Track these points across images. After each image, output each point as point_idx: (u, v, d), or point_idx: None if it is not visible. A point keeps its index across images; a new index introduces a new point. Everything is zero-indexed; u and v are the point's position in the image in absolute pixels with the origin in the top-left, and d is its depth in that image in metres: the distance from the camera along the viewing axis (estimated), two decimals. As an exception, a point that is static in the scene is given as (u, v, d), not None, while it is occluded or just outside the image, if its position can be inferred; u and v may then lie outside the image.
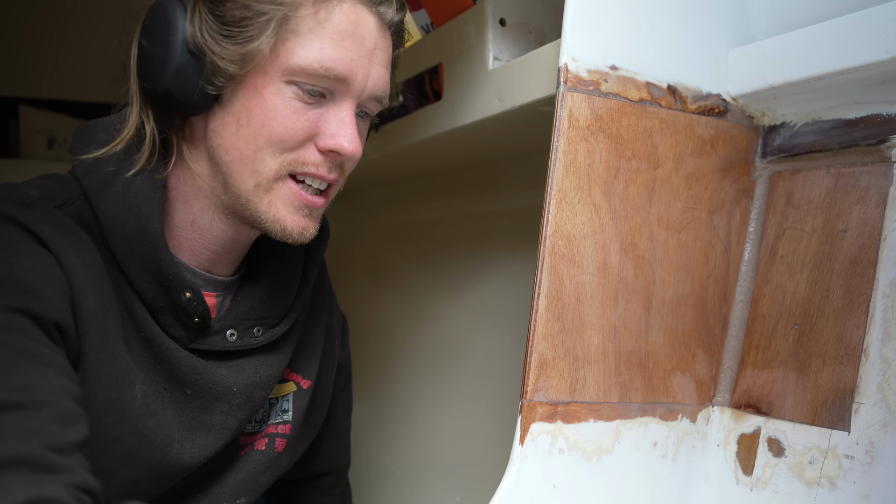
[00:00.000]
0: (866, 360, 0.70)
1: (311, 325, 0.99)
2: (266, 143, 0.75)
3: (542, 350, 0.74)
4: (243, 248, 0.87)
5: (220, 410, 0.85)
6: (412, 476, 1.40)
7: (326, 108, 0.77)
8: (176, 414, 0.82)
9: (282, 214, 0.78)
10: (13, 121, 2.48)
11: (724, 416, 0.83)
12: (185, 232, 0.83)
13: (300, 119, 0.75)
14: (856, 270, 0.73)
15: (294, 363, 0.96)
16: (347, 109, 0.77)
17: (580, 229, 0.76)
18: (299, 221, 0.79)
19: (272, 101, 0.75)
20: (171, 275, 0.78)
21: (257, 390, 0.88)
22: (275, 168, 0.76)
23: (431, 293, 1.50)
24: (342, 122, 0.76)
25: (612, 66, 0.77)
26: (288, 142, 0.75)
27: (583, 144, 0.75)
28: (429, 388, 1.44)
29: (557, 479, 0.76)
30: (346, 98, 0.77)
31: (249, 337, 0.87)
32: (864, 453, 0.69)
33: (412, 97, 1.34)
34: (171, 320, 0.80)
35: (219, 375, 0.84)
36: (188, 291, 0.79)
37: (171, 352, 0.80)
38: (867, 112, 0.74)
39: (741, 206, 0.84)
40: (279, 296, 0.90)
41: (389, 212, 1.76)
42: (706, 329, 0.83)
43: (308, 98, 0.75)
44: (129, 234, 0.77)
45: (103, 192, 0.77)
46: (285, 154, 0.76)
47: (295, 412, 0.96)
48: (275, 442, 0.94)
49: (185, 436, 0.83)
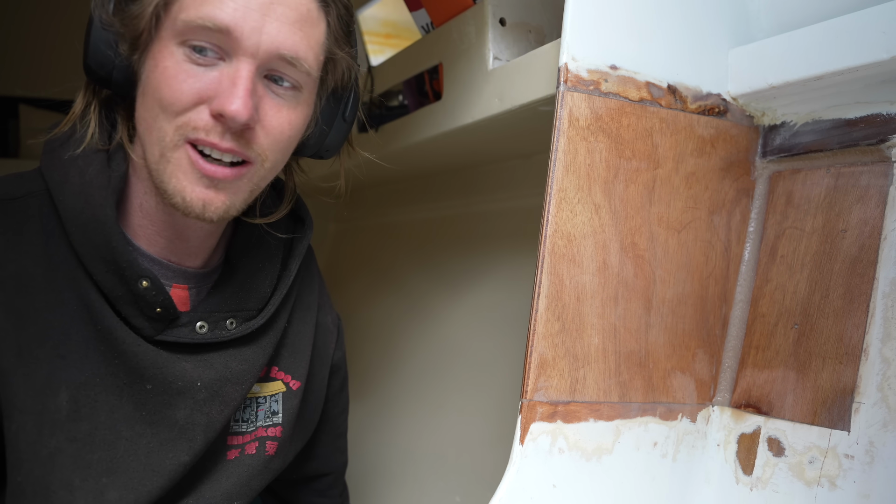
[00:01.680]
0: (866, 360, 0.70)
1: (299, 324, 0.97)
2: (160, 109, 0.73)
3: (542, 350, 0.74)
4: (203, 238, 0.85)
5: (183, 406, 0.83)
6: (412, 476, 1.40)
7: (221, 70, 0.73)
8: (135, 409, 0.80)
9: (182, 185, 0.74)
10: (13, 121, 2.48)
11: (724, 416, 0.83)
12: (138, 218, 0.82)
13: (188, 80, 0.72)
14: (856, 270, 0.73)
15: (282, 362, 0.94)
16: (241, 70, 0.72)
17: (580, 229, 0.76)
18: (200, 193, 0.74)
19: (163, 64, 0.72)
20: (125, 262, 0.76)
21: (228, 385, 0.85)
22: (171, 134, 0.73)
23: (431, 293, 1.50)
24: (231, 83, 0.72)
25: (613, 66, 0.77)
26: (176, 104, 0.72)
27: (583, 144, 0.75)
28: (429, 388, 1.44)
29: (557, 478, 0.76)
30: (240, 57, 0.72)
31: (221, 329, 0.84)
32: (864, 453, 0.69)
33: (412, 97, 1.34)
34: (132, 311, 0.78)
35: (181, 369, 0.82)
36: (145, 280, 0.77)
37: (129, 345, 0.78)
38: (867, 112, 0.74)
39: (741, 206, 0.84)
40: (254, 287, 0.87)
41: (389, 212, 1.76)
42: (706, 329, 0.83)
43: (199, 59, 0.72)
44: (84, 223, 0.76)
45: (64, 184, 0.77)
46: (178, 118, 0.72)
47: (285, 414, 0.94)
48: (265, 445, 0.93)
49: (144, 431, 0.81)
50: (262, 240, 0.89)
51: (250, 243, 0.89)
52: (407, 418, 1.48)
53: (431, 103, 1.13)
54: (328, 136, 0.86)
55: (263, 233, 0.89)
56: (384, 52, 2.76)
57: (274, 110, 0.76)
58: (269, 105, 0.75)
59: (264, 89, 0.75)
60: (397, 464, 1.45)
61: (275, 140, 0.76)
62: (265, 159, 0.77)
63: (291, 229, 0.94)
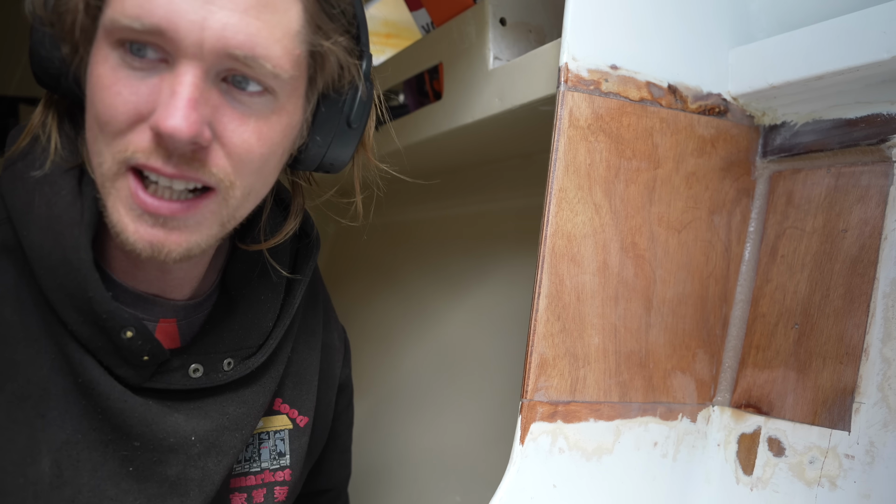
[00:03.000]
0: (867, 360, 0.70)
1: (304, 351, 0.85)
2: (98, 129, 0.59)
3: (543, 350, 0.74)
4: (186, 269, 0.72)
5: (175, 462, 0.72)
6: (412, 476, 1.40)
7: (162, 77, 0.58)
8: (121, 465, 0.70)
9: (123, 222, 0.60)
10: (13, 120, 2.48)
11: (725, 416, 0.83)
12: (112, 249, 0.69)
13: (123, 91, 0.57)
14: (856, 270, 0.73)
15: (286, 394, 0.83)
16: (182, 75, 0.57)
17: (580, 229, 0.76)
18: (144, 233, 0.60)
19: (97, 72, 0.58)
20: (106, 313, 0.64)
21: (226, 434, 0.74)
22: (108, 160, 0.59)
23: (431, 293, 1.50)
24: (171, 93, 0.56)
25: (613, 66, 0.77)
26: (112, 123, 0.58)
27: (583, 144, 0.75)
28: (429, 388, 1.44)
29: (557, 478, 0.76)
30: (182, 60, 0.57)
31: (217, 372, 0.73)
32: (865, 453, 0.69)
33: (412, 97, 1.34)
34: (115, 361, 0.67)
35: (172, 424, 0.71)
36: (129, 330, 0.65)
37: (113, 401, 0.67)
38: (868, 112, 0.74)
39: (741, 206, 0.84)
40: (255, 322, 0.75)
41: (389, 212, 1.76)
42: (706, 329, 0.83)
43: (136, 62, 0.57)
44: (53, 266, 0.63)
45: (27, 215, 0.65)
46: (115, 140, 0.59)
47: (293, 455, 0.84)
48: (274, 492, 0.83)
49: (130, 488, 0.70)
50: (264, 267, 0.76)
51: (250, 271, 0.76)
52: (407, 418, 1.48)
53: (431, 103, 1.13)
54: (329, 148, 0.70)
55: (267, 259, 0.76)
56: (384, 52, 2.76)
57: (236, 122, 0.60)
58: (228, 117, 0.60)
59: (221, 97, 0.60)
60: (397, 464, 1.45)
61: (241, 160, 0.61)
62: (232, 185, 0.62)
63: (295, 249, 0.81)
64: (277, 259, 0.77)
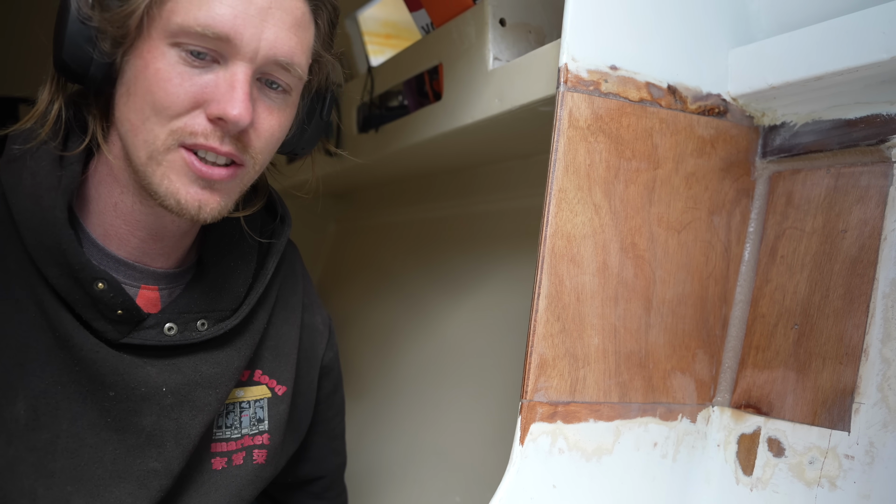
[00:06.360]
0: (866, 360, 0.70)
1: (282, 326, 0.94)
2: (152, 111, 0.71)
3: (542, 350, 0.74)
4: (179, 237, 0.83)
5: (149, 412, 0.80)
6: (412, 476, 1.40)
7: (217, 74, 0.71)
8: (100, 416, 0.78)
9: (175, 187, 0.73)
10: (13, 121, 2.48)
11: (724, 416, 0.83)
12: (110, 218, 0.79)
13: (184, 84, 0.70)
14: (856, 270, 0.73)
15: (265, 366, 0.92)
16: (238, 74, 0.71)
17: (580, 229, 0.76)
18: (195, 194, 0.74)
19: (155, 66, 0.70)
20: (78, 264, 0.74)
21: (199, 390, 0.82)
22: (163, 138, 0.72)
23: (431, 293, 1.50)
24: (230, 87, 0.71)
25: (612, 66, 0.77)
26: (172, 108, 0.71)
27: (583, 144, 0.75)
28: (429, 388, 1.44)
29: (557, 479, 0.76)
30: (237, 62, 0.71)
31: (191, 331, 0.82)
32: (864, 453, 0.69)
33: (412, 97, 1.34)
34: (92, 314, 0.76)
35: (144, 375, 0.79)
36: (100, 282, 0.75)
37: (87, 351, 0.76)
38: (867, 112, 0.74)
39: (741, 206, 0.84)
40: (227, 287, 0.85)
41: (389, 212, 1.76)
42: (706, 329, 0.83)
43: (195, 61, 0.71)
44: (35, 225, 0.74)
45: (18, 186, 0.76)
46: (172, 122, 0.71)
47: (271, 420, 0.92)
48: (252, 454, 0.91)
49: (110, 437, 0.79)
50: (236, 238, 0.87)
51: (223, 242, 0.87)
52: (407, 418, 1.48)
53: (431, 104, 1.13)
54: (307, 134, 0.87)
55: (239, 232, 0.88)
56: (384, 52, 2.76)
57: (266, 113, 0.76)
58: (262, 108, 0.75)
59: (258, 92, 0.75)
60: (397, 464, 1.45)
61: (266, 142, 0.77)
62: (255, 161, 0.77)
63: (269, 227, 0.92)
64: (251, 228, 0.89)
